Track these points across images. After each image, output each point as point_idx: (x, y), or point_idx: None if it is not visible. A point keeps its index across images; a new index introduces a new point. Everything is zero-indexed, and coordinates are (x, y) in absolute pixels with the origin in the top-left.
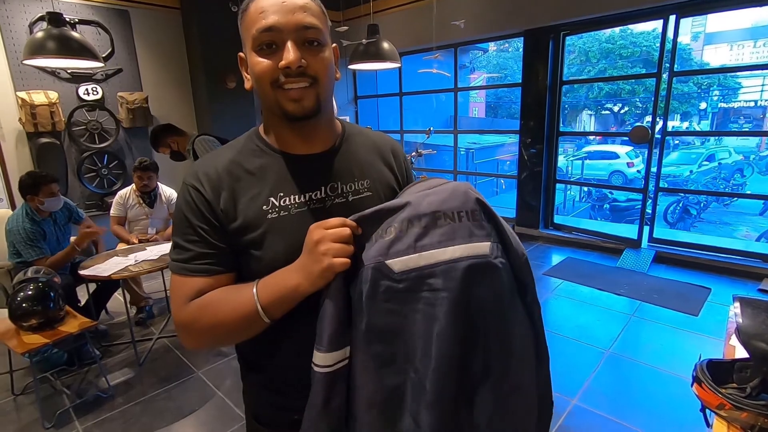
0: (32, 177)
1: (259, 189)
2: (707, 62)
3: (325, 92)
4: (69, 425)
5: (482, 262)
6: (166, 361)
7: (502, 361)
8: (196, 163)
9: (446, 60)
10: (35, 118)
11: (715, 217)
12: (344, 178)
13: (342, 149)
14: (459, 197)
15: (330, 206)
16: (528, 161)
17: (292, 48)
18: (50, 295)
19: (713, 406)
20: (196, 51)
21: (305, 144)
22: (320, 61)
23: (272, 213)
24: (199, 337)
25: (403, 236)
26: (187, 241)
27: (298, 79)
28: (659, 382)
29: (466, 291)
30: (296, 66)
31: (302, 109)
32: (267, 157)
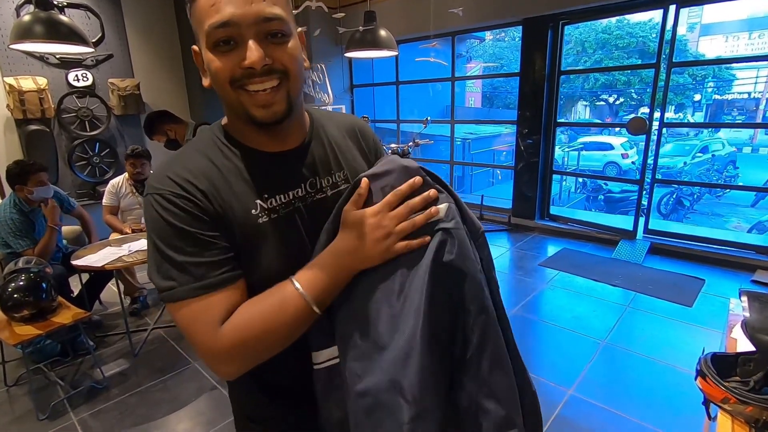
0: (20, 166)
1: (241, 192)
2: (703, 53)
3: (297, 88)
4: (63, 416)
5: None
6: (161, 352)
7: (480, 328)
8: (160, 169)
9: (443, 49)
10: (24, 105)
11: (708, 208)
12: (321, 172)
13: (314, 141)
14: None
15: (311, 203)
16: (524, 152)
17: (254, 45)
18: (42, 285)
19: (717, 399)
20: (189, 36)
21: (278, 141)
22: (288, 54)
23: (262, 216)
24: (246, 360)
25: None
26: (189, 254)
27: (265, 78)
28: (654, 373)
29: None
30: (261, 65)
31: (273, 115)
32: (239, 158)
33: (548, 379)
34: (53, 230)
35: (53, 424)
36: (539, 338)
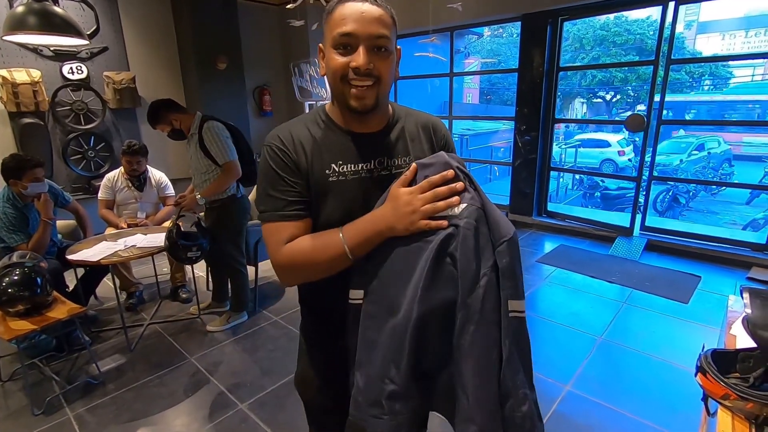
0: (16, 160)
1: (323, 156)
2: (700, 51)
3: (385, 90)
4: (59, 412)
5: (452, 221)
6: (157, 347)
7: (468, 326)
8: (275, 129)
9: (442, 44)
10: (17, 97)
11: (703, 206)
12: (391, 154)
13: (392, 131)
14: (442, 164)
15: (377, 176)
16: (522, 148)
17: (363, 53)
18: (37, 280)
19: (718, 396)
20: (187, 31)
21: (362, 125)
22: (385, 65)
23: (333, 177)
24: (295, 275)
25: None
26: (277, 191)
27: (364, 78)
28: (651, 369)
29: (435, 244)
30: (365, 68)
31: (363, 106)
32: (330, 132)
33: (546, 375)
34: (47, 224)
35: (48, 420)
36: (536, 334)
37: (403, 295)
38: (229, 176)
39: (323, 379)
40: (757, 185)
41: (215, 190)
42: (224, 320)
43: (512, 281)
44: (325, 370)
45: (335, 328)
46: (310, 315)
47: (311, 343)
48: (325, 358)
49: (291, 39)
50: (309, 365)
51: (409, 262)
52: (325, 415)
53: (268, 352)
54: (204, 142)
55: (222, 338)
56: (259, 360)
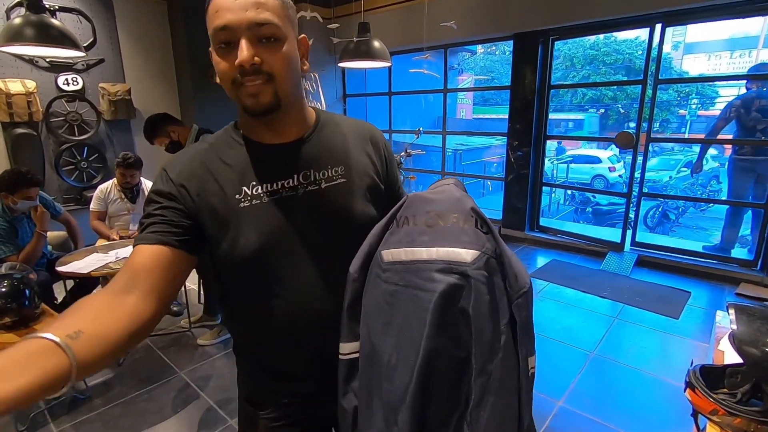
0: (14, 175)
1: (231, 177)
2: (686, 71)
3: (285, 87)
4: (44, 428)
5: (460, 270)
6: (146, 362)
7: (480, 386)
8: (176, 154)
9: (436, 61)
10: (11, 108)
11: (692, 222)
12: (317, 166)
13: (314, 137)
14: (452, 201)
15: (303, 194)
16: (515, 164)
17: (245, 46)
18: (25, 292)
19: (706, 411)
20: (182, 43)
21: (275, 134)
22: (277, 57)
23: (244, 201)
24: None
25: (398, 230)
26: (146, 216)
27: (254, 77)
28: (642, 384)
29: (440, 297)
30: (249, 64)
31: (259, 105)
32: (240, 148)
33: (538, 391)
34: (40, 236)
35: None
36: None
37: (401, 346)
38: None
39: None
40: (745, 203)
41: None
42: (215, 334)
43: (531, 336)
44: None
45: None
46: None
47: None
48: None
49: None
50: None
51: (403, 312)
52: None
53: None
54: None
55: (213, 352)
56: None
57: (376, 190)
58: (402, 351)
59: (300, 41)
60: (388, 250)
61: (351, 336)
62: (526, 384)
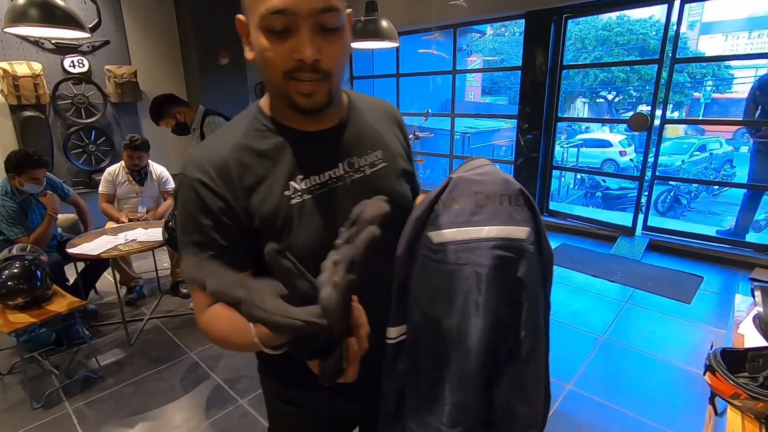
0: (22, 156)
1: (275, 173)
2: (702, 51)
3: (338, 81)
4: (58, 405)
5: (517, 245)
6: (157, 342)
7: (531, 344)
8: (196, 151)
9: (445, 42)
10: (18, 90)
11: (704, 206)
12: (359, 152)
13: (351, 121)
14: (501, 182)
15: (350, 183)
16: (524, 147)
17: (307, 39)
18: (37, 273)
19: (727, 395)
20: (188, 25)
21: (316, 121)
22: (335, 51)
23: (295, 198)
24: (218, 345)
25: (446, 211)
26: (196, 243)
27: (311, 74)
28: (653, 368)
29: (498, 270)
30: (311, 60)
31: (312, 104)
32: (277, 137)
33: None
34: (51, 218)
35: (47, 414)
36: None
37: (466, 321)
38: None
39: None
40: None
41: None
42: None
43: (549, 292)
44: None
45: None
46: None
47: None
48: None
49: None
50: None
51: (464, 289)
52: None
53: None
54: (205, 137)
55: None
56: None
57: (409, 172)
58: (468, 325)
59: (348, 17)
60: (437, 232)
61: (399, 319)
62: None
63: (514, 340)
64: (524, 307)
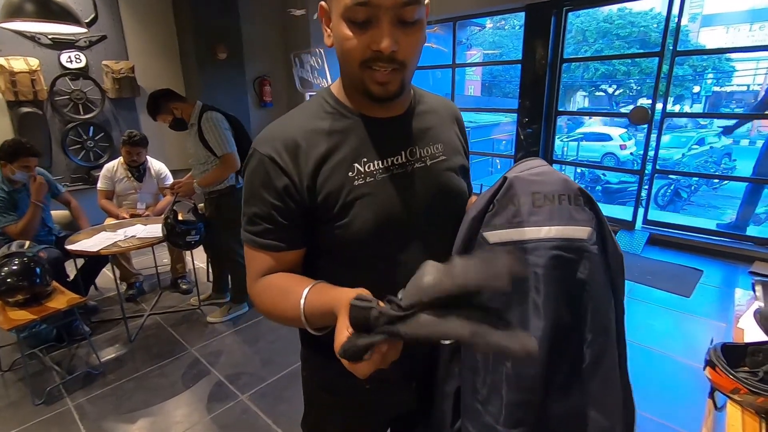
0: (14, 144)
1: (342, 154)
2: (704, 44)
3: (411, 72)
4: (59, 401)
5: (577, 245)
6: (158, 338)
7: (599, 349)
8: (269, 129)
9: (444, 35)
10: (15, 86)
11: (704, 200)
12: (421, 142)
13: (416, 112)
14: (559, 182)
15: (411, 171)
16: (524, 141)
17: (387, 31)
18: (36, 270)
19: (727, 390)
20: (186, 19)
21: (382, 108)
22: (411, 43)
23: (358, 179)
24: (263, 313)
25: (502, 211)
26: (256, 215)
27: (387, 64)
28: (652, 362)
29: (558, 271)
30: (389, 51)
31: (386, 93)
32: (345, 120)
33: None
34: (36, 207)
35: (49, 409)
36: None
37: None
38: (227, 168)
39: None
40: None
41: (212, 180)
42: (224, 311)
43: (623, 296)
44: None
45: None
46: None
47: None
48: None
49: (292, 29)
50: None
51: (522, 289)
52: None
53: (268, 344)
54: (203, 133)
55: (222, 329)
56: (259, 351)
57: (466, 170)
58: (527, 326)
59: (425, 8)
60: (494, 232)
61: None
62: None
63: (578, 343)
64: (589, 310)
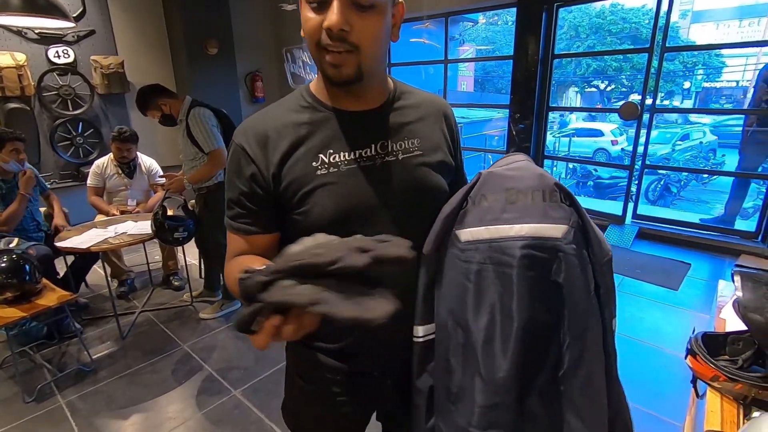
0: (0, 132)
1: (309, 145)
2: (694, 40)
3: (370, 60)
4: (50, 399)
5: (551, 245)
6: (150, 335)
7: (577, 354)
8: (246, 121)
9: (436, 30)
10: (2, 82)
11: (694, 195)
12: (394, 137)
13: (392, 107)
14: (534, 177)
15: (381, 164)
16: (516, 136)
17: (337, 8)
18: (25, 267)
19: (707, 377)
20: (175, 14)
21: (354, 101)
22: (367, 27)
23: (321, 169)
24: (232, 292)
25: (475, 208)
26: (230, 200)
27: (339, 44)
28: (641, 354)
29: (531, 271)
30: (337, 29)
31: (340, 75)
32: (316, 113)
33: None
34: (23, 197)
35: (40, 407)
36: None
37: (496, 322)
38: (215, 164)
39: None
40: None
41: (201, 176)
42: (217, 308)
43: (613, 300)
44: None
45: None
46: (302, 348)
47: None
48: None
49: (283, 24)
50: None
51: (493, 289)
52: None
53: None
54: (190, 129)
55: (215, 325)
56: (252, 347)
57: (448, 167)
58: (498, 326)
59: (397, 7)
60: (466, 230)
61: (427, 318)
62: (611, 340)
63: (557, 347)
64: (565, 313)
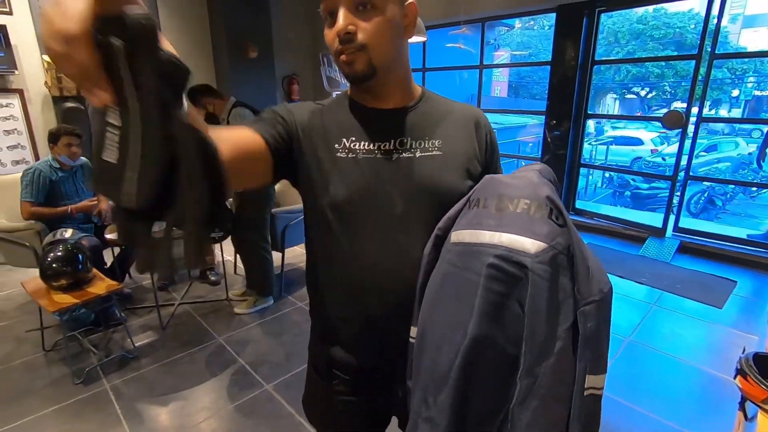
0: (58, 128)
1: (335, 130)
2: (744, 46)
3: (381, 55)
4: (97, 382)
5: (518, 259)
6: (188, 327)
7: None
8: (293, 104)
9: (473, 35)
10: (60, 82)
11: (740, 209)
12: (414, 135)
13: (416, 109)
14: (527, 187)
15: (396, 158)
16: (551, 143)
17: (341, 15)
18: (78, 257)
19: (758, 399)
20: (219, 18)
21: (377, 100)
22: (372, 25)
23: (341, 152)
24: None
25: (469, 211)
26: (266, 112)
27: (348, 45)
28: (680, 372)
29: (496, 283)
30: (343, 33)
31: (353, 72)
32: (346, 108)
33: None
34: (65, 212)
35: (87, 389)
36: None
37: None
38: None
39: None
40: None
41: None
42: (251, 304)
43: (595, 352)
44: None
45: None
46: (319, 343)
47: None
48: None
49: (320, 28)
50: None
51: (454, 293)
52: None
53: (292, 337)
54: None
55: (248, 321)
56: (284, 343)
57: (472, 171)
58: (449, 332)
59: (407, 7)
60: (457, 231)
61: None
62: (580, 403)
63: (512, 373)
64: (523, 339)
